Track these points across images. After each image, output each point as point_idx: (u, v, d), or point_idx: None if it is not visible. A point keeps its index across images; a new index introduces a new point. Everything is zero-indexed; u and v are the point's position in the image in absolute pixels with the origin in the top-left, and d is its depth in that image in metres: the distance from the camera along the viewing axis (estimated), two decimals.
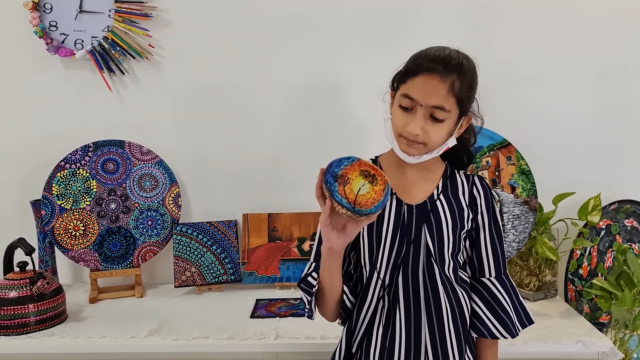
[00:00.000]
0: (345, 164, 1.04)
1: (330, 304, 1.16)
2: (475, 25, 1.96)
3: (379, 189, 1.02)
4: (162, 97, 2.02)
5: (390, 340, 1.14)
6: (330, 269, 1.11)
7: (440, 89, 1.07)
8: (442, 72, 1.07)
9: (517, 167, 1.82)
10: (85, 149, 1.95)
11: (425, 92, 1.07)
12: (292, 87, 2.01)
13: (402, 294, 1.14)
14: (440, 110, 1.08)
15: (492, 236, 1.21)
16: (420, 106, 1.08)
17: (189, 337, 1.54)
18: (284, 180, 2.05)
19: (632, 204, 1.90)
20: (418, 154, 1.13)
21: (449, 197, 1.18)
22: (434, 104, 1.07)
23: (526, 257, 1.86)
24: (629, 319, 1.73)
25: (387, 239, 1.15)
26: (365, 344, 1.17)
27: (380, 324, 1.16)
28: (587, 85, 1.98)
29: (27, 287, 1.60)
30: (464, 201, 1.19)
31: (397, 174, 1.19)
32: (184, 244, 1.95)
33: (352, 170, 1.03)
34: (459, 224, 1.17)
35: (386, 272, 1.15)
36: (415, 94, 1.08)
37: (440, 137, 1.11)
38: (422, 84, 1.07)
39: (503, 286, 1.20)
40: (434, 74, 1.07)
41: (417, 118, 1.09)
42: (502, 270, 1.21)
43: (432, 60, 1.08)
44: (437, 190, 1.18)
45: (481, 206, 1.20)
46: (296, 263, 1.98)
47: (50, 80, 2.00)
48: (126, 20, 1.96)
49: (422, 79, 1.07)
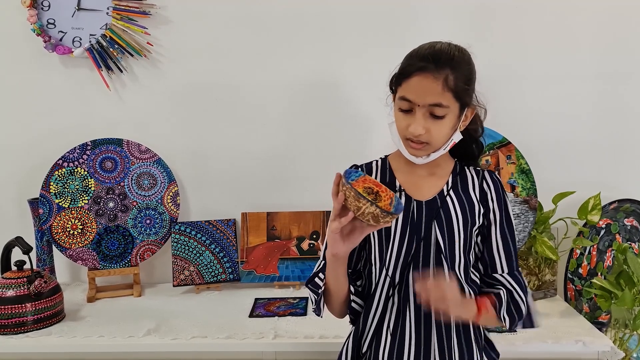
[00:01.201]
0: (352, 178, 1.05)
1: (337, 303, 1.17)
2: (476, 24, 1.95)
3: (385, 202, 1.04)
4: (160, 95, 2.01)
5: (399, 339, 1.13)
6: (335, 272, 1.12)
7: (435, 87, 1.06)
8: (434, 70, 1.06)
9: (517, 166, 1.82)
10: (84, 147, 1.94)
11: (420, 92, 1.07)
12: (291, 85, 2.00)
13: (412, 292, 1.13)
14: (439, 107, 1.08)
15: (503, 232, 1.18)
16: (418, 106, 1.08)
17: (187, 336, 1.54)
18: (283, 179, 2.04)
19: (631, 203, 1.90)
20: (425, 154, 1.13)
21: (459, 192, 1.17)
22: (430, 102, 1.07)
23: (526, 256, 1.86)
24: (629, 318, 1.73)
25: (396, 236, 1.14)
26: (375, 343, 1.16)
27: (390, 323, 1.15)
28: (587, 85, 1.98)
29: (25, 286, 1.59)
30: (475, 196, 1.17)
31: (407, 171, 1.19)
32: (182, 243, 1.95)
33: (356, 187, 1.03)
34: (469, 220, 1.15)
35: (395, 270, 1.15)
36: (411, 96, 1.08)
37: (444, 133, 1.11)
38: (416, 85, 1.07)
39: (517, 282, 1.17)
40: (426, 72, 1.07)
41: (417, 118, 1.08)
42: (514, 267, 1.18)
43: (423, 59, 1.08)
44: (447, 186, 1.17)
45: (492, 200, 1.18)
46: (295, 262, 1.98)
47: (48, 78, 1.99)
48: (124, 18, 1.95)
49: (416, 80, 1.07)
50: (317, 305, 1.16)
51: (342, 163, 1.33)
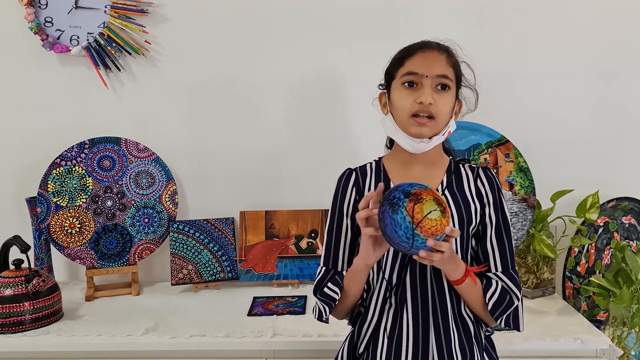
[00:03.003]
0: (418, 186, 1.00)
1: (347, 308, 1.18)
2: (475, 23, 1.95)
3: (445, 222, 0.97)
4: (158, 94, 2.01)
5: (397, 341, 1.12)
6: (360, 281, 1.13)
7: (440, 59, 1.12)
8: (436, 47, 1.14)
9: (515, 164, 1.82)
10: (81, 146, 1.94)
11: (428, 64, 1.11)
12: (290, 84, 2.00)
13: (409, 294, 1.13)
14: (445, 78, 1.11)
15: (499, 230, 1.16)
16: (426, 77, 1.11)
17: (186, 335, 1.53)
18: (282, 177, 2.04)
19: (630, 201, 1.90)
20: (430, 132, 1.11)
21: (454, 191, 1.16)
22: (438, 72, 1.11)
23: (524, 255, 1.86)
24: (627, 316, 1.73)
25: None
26: (372, 345, 1.15)
27: (387, 324, 1.14)
28: (586, 83, 1.98)
29: (23, 285, 1.59)
30: (470, 194, 1.16)
31: (403, 172, 1.18)
32: (180, 242, 1.94)
33: (426, 193, 0.98)
34: (466, 219, 1.14)
35: (392, 271, 1.14)
36: (418, 68, 1.11)
37: (447, 109, 1.13)
38: (422, 58, 1.12)
39: (510, 279, 1.14)
40: (430, 48, 1.13)
41: (425, 89, 1.11)
42: (509, 265, 1.15)
43: (423, 42, 1.15)
44: (442, 186, 1.16)
45: (487, 197, 1.16)
46: (293, 261, 1.98)
47: (46, 76, 1.99)
48: (122, 16, 1.94)
49: (420, 55, 1.12)
50: (328, 314, 1.17)
51: (341, 162, 1.34)
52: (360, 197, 1.16)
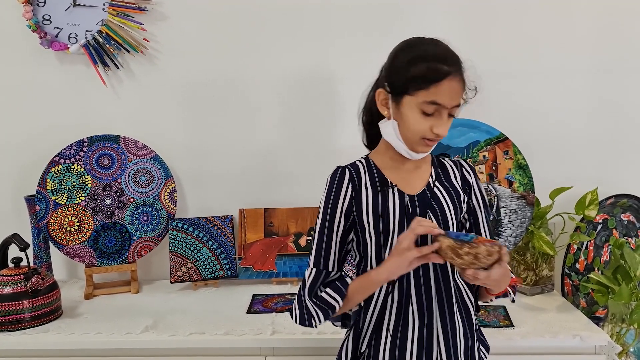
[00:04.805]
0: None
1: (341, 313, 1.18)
2: (473, 20, 1.95)
3: None
4: (157, 92, 2.01)
5: (401, 336, 1.12)
6: (370, 294, 1.13)
7: (460, 89, 1.10)
8: (459, 72, 1.09)
9: (514, 161, 1.82)
10: (80, 144, 1.93)
11: (451, 96, 1.09)
12: (288, 81, 2.00)
13: (414, 287, 1.13)
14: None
15: (487, 217, 1.23)
16: (445, 109, 1.09)
17: (185, 332, 1.53)
18: (280, 175, 2.04)
19: (628, 198, 1.91)
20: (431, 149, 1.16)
21: (443, 183, 1.20)
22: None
23: (523, 252, 1.86)
24: (626, 312, 1.74)
25: (394, 231, 1.13)
26: (375, 342, 1.15)
27: (390, 321, 1.13)
28: (584, 81, 1.98)
29: (22, 283, 1.59)
30: (458, 185, 1.21)
31: (395, 168, 1.19)
32: (179, 240, 1.94)
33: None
34: (458, 208, 1.18)
35: None
36: (442, 100, 1.08)
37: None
38: (448, 89, 1.07)
39: None
40: (456, 76, 1.08)
41: (444, 120, 1.10)
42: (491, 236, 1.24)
43: (449, 63, 1.08)
44: (432, 178, 1.20)
45: (473, 187, 1.23)
46: (293, 258, 1.98)
47: (44, 74, 1.99)
48: (121, 14, 1.94)
49: (447, 84, 1.07)
50: (322, 321, 1.15)
51: (341, 159, 1.33)
52: (356, 194, 1.16)
